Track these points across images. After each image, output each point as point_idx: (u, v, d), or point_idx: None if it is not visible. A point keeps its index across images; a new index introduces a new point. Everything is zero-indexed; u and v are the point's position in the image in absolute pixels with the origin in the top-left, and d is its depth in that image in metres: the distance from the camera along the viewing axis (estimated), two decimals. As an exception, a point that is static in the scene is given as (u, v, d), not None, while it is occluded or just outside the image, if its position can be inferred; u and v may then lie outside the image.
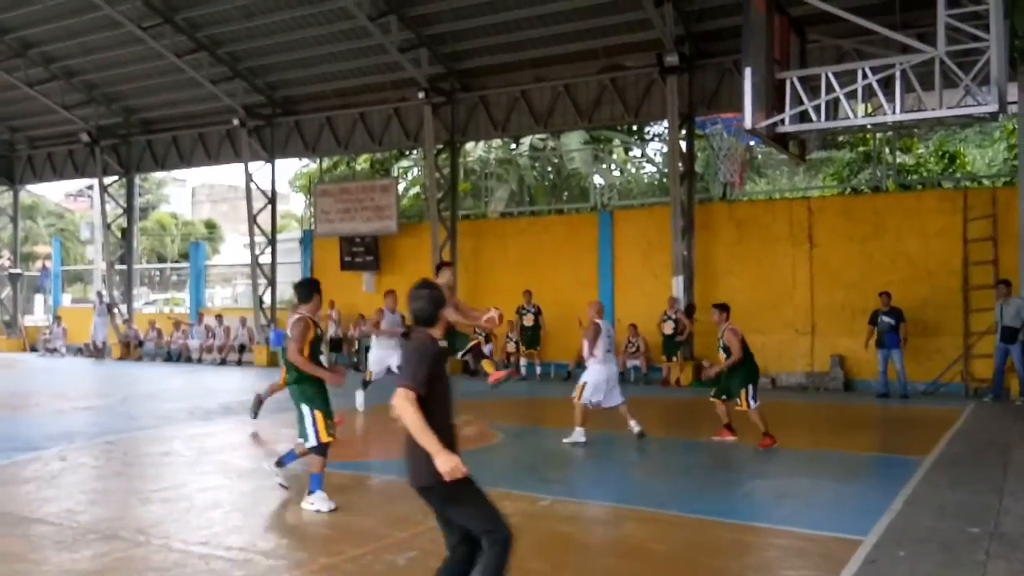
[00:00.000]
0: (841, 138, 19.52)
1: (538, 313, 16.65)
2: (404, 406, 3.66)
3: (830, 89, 9.30)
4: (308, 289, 6.69)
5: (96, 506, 6.47)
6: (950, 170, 19.72)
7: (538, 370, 16.80)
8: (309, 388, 6.39)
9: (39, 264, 34.28)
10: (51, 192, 48.68)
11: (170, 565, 4.96)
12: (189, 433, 10.01)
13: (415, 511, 6.27)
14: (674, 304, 15.24)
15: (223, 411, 12.02)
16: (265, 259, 21.60)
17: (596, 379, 9.30)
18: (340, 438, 8.27)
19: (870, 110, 10.32)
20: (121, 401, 13.42)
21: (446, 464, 3.61)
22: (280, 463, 6.81)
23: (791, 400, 13.59)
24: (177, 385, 16.22)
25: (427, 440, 3.64)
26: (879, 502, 6.37)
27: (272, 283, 21.54)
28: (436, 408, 3.76)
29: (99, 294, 24.66)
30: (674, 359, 15.39)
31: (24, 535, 5.66)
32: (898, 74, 9.11)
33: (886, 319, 13.44)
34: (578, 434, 9.16)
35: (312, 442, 6.35)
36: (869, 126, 11.26)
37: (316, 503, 6.27)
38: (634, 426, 9.36)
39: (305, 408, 6.38)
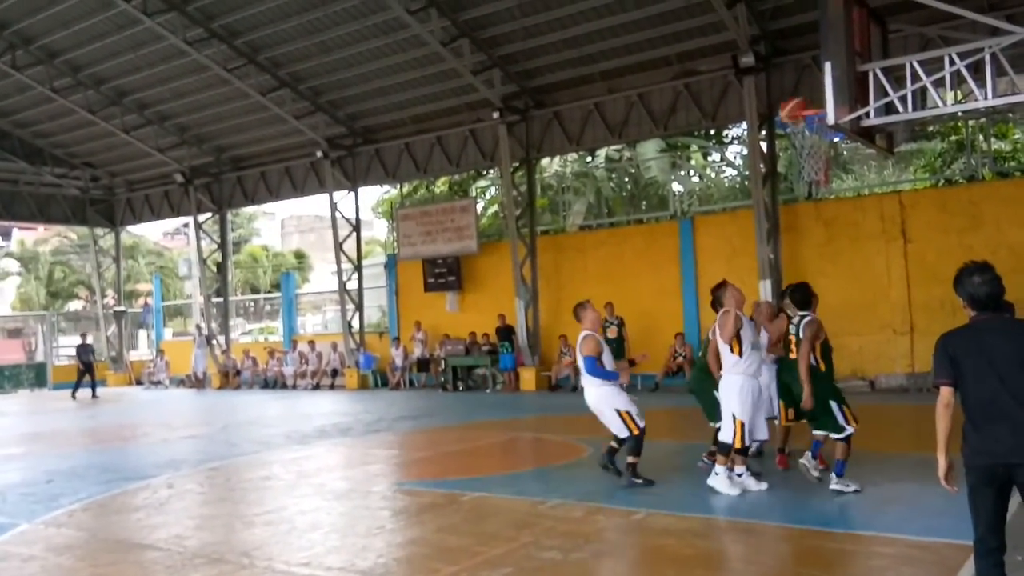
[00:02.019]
0: (931, 128, 18.77)
1: (621, 325, 16.51)
2: None
3: (916, 78, 8.95)
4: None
5: (202, 531, 6.70)
6: (1051, 154, 18.73)
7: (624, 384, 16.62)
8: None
9: (141, 301, 35.97)
10: (150, 232, 51.08)
11: (273, 586, 5.09)
12: (287, 457, 10.28)
13: (506, 527, 6.31)
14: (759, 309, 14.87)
15: (319, 434, 12.30)
16: (352, 285, 22.11)
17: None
18: (424, 458, 8.39)
19: (960, 97, 9.91)
20: (222, 429, 13.89)
21: None
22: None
23: (893, 403, 13.07)
24: (274, 411, 16.70)
25: None
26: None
27: (360, 308, 22.03)
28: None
29: (198, 327, 25.65)
30: None
31: (137, 561, 5.89)
32: (988, 58, 8.70)
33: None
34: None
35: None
36: (960, 113, 10.78)
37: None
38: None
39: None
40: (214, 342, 24.53)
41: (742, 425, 6.96)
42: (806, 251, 15.54)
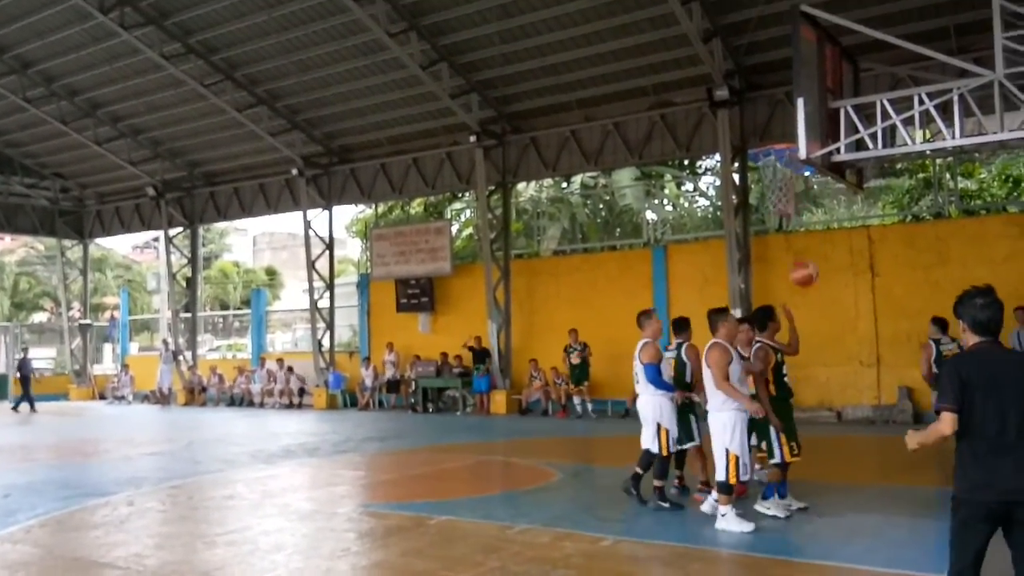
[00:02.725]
0: (899, 165, 19.16)
1: (583, 349, 16.57)
2: None
3: (886, 116, 9.15)
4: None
5: (162, 550, 6.57)
6: (1015, 194, 19.16)
7: (589, 407, 16.61)
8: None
9: (108, 314, 35.43)
10: (119, 245, 50.47)
11: (234, 608, 5.00)
12: (252, 476, 10.14)
13: (473, 552, 6.26)
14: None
15: (284, 454, 12.16)
16: (324, 303, 21.98)
17: None
18: (391, 480, 8.33)
19: (928, 136, 10.13)
20: (186, 446, 13.68)
21: None
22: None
23: (859, 434, 13.22)
24: (240, 429, 16.48)
25: None
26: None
27: (331, 327, 21.87)
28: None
29: (165, 342, 25.32)
30: None
31: (94, 579, 5.77)
32: (956, 98, 8.93)
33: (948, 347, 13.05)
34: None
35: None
36: (928, 152, 11.03)
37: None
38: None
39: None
40: (180, 358, 24.21)
41: (736, 459, 6.82)
42: (776, 282, 15.70)
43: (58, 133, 22.29)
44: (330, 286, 22.16)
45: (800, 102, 8.79)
